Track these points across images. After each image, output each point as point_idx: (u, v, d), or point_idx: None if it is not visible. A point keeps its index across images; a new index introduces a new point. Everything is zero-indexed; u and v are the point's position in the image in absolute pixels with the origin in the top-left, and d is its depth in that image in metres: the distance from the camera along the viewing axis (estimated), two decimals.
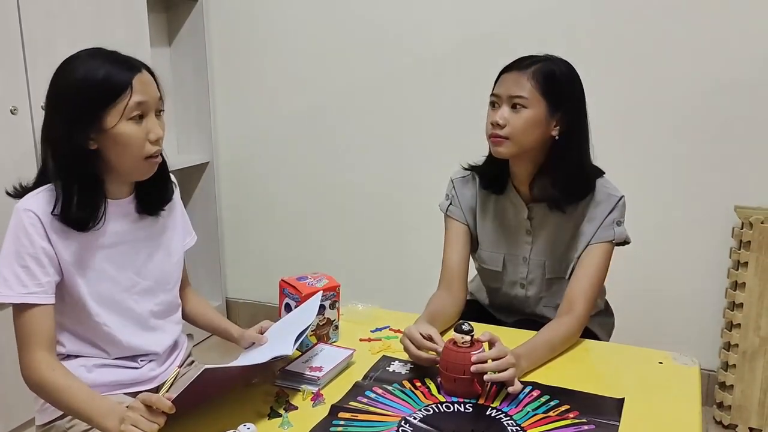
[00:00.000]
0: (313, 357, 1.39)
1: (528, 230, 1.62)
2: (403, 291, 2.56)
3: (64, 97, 1.27)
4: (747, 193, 2.36)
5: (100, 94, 1.24)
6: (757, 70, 2.29)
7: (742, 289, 2.31)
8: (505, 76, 1.52)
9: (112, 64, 1.27)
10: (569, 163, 1.53)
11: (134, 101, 1.25)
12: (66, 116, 1.26)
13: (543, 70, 1.49)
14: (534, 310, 1.68)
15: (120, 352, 1.39)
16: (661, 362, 1.42)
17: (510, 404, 1.24)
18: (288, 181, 3.11)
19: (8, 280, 1.24)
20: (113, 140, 1.26)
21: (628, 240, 1.59)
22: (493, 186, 1.64)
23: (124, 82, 1.25)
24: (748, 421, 2.38)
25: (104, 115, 1.24)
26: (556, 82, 1.49)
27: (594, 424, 1.17)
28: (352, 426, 1.18)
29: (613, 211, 1.55)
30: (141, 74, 1.28)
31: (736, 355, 2.35)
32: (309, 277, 1.52)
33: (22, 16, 2.16)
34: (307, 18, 2.90)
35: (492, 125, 1.50)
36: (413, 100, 2.77)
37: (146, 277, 1.41)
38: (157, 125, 1.30)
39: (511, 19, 2.55)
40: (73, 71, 1.27)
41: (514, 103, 1.48)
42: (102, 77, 1.24)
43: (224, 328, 1.55)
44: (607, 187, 1.57)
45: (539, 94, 1.47)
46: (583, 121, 1.55)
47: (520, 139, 1.49)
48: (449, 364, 1.27)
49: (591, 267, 1.54)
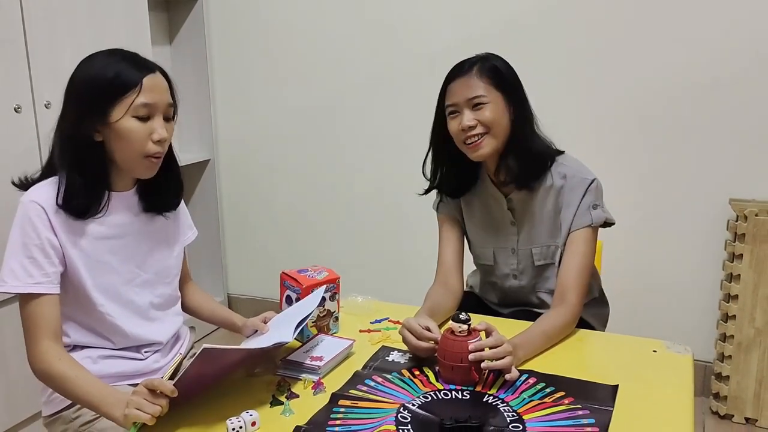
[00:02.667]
0: (314, 347, 1.41)
1: (512, 221, 1.66)
2: (401, 284, 2.59)
3: (77, 90, 1.31)
4: (741, 186, 2.39)
5: (109, 87, 1.28)
6: (751, 62, 2.31)
7: (737, 281, 2.33)
8: (453, 86, 1.57)
9: (127, 63, 1.31)
10: (527, 138, 1.59)
11: (141, 101, 1.29)
12: (76, 107, 1.30)
13: (486, 67, 1.55)
14: (530, 298, 1.71)
15: (125, 342, 1.42)
16: (655, 350, 1.45)
17: (507, 391, 1.27)
18: (288, 177, 3.14)
19: (15, 271, 1.28)
20: (116, 134, 1.30)
21: (610, 221, 1.62)
22: (463, 189, 1.69)
23: (133, 80, 1.29)
24: (743, 412, 2.41)
25: (111, 108, 1.28)
26: (500, 73, 1.56)
27: (588, 410, 1.19)
28: (352, 413, 1.20)
29: (586, 194, 1.58)
30: (154, 76, 1.32)
31: (731, 347, 2.37)
32: (309, 269, 1.55)
33: (25, 17, 2.19)
34: (307, 16, 2.93)
35: (463, 131, 1.54)
36: (412, 97, 2.80)
37: (147, 270, 1.44)
38: (162, 127, 1.33)
39: (511, 18, 2.57)
40: (90, 67, 1.32)
41: (475, 104, 1.53)
42: (114, 73, 1.29)
43: (227, 317, 1.58)
44: (580, 171, 1.61)
45: (493, 88, 1.54)
46: (525, 98, 1.61)
47: (497, 131, 1.54)
48: (447, 353, 1.30)
49: (576, 255, 1.58)
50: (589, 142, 1.65)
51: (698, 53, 2.37)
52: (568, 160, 1.63)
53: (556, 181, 1.60)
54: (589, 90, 2.54)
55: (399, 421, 1.16)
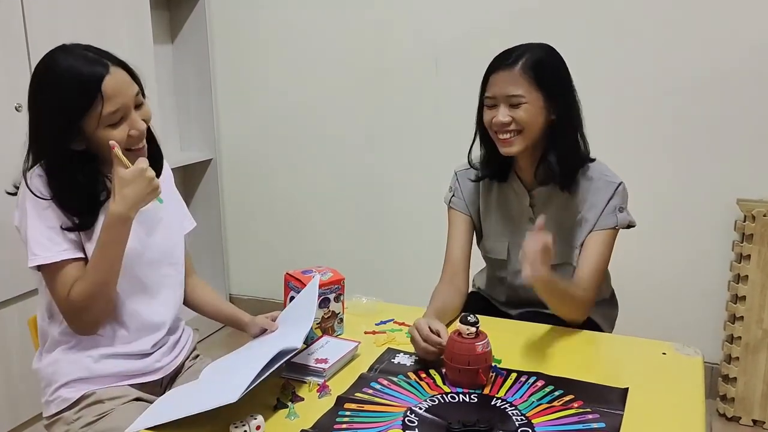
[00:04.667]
0: (319, 349, 1.40)
1: (531, 218, 1.64)
2: (406, 284, 2.57)
3: (43, 106, 1.30)
4: (749, 186, 2.36)
5: (73, 103, 1.26)
6: (758, 62, 2.29)
7: (745, 282, 2.31)
8: (495, 77, 1.53)
9: (83, 66, 1.27)
10: (570, 140, 1.56)
11: (109, 109, 1.27)
12: (48, 124, 1.30)
13: (530, 62, 1.50)
14: (537, 297, 1.69)
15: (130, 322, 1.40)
16: (664, 353, 1.43)
17: (515, 394, 1.25)
18: (291, 176, 3.12)
19: (42, 243, 1.29)
20: (97, 143, 1.30)
21: (632, 224, 1.61)
22: (497, 175, 1.66)
23: (92, 90, 1.25)
24: (751, 413, 2.38)
25: (82, 122, 1.27)
26: (545, 70, 1.51)
27: (598, 413, 1.18)
28: (358, 416, 1.19)
29: (614, 197, 1.58)
30: (111, 76, 1.28)
31: (739, 348, 2.35)
32: (314, 270, 1.53)
33: (26, 16, 2.17)
34: (309, 15, 2.91)
35: (497, 126, 1.52)
36: (416, 95, 2.78)
37: (151, 249, 1.43)
38: (137, 121, 1.32)
39: (512, 15, 2.55)
40: (47, 76, 1.29)
41: (512, 102, 1.50)
42: (75, 85, 1.26)
43: (232, 314, 1.56)
44: (606, 174, 1.60)
45: (534, 87, 1.50)
46: (575, 95, 1.58)
47: (530, 132, 1.52)
48: (454, 355, 1.28)
49: (594, 254, 1.57)
50: (595, 142, 1.63)
51: (705, 52, 2.35)
52: (596, 163, 1.62)
53: (581, 182, 1.59)
54: (594, 89, 2.50)
55: (406, 425, 1.14)
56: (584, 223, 1.60)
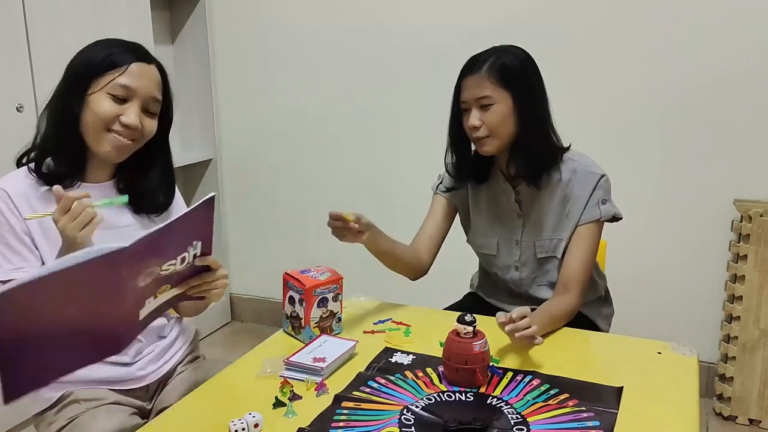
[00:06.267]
0: (317, 348, 1.41)
1: (519, 214, 1.67)
2: (404, 284, 2.58)
3: (71, 66, 1.34)
4: (746, 187, 2.38)
5: (96, 64, 1.30)
6: (756, 62, 2.30)
7: (742, 282, 2.33)
8: (465, 82, 1.57)
9: (124, 48, 1.32)
10: (537, 136, 1.59)
11: (121, 81, 1.30)
12: (64, 81, 1.33)
13: (495, 65, 1.54)
14: (529, 290, 1.72)
15: None
16: (659, 352, 1.44)
17: (510, 393, 1.26)
18: (291, 177, 3.13)
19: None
20: (88, 106, 1.31)
21: (618, 216, 1.64)
22: (475, 177, 1.70)
23: (121, 61, 1.30)
24: (747, 413, 2.40)
25: (91, 83, 1.30)
26: (510, 71, 1.54)
27: (593, 412, 1.19)
28: (355, 414, 1.20)
29: (596, 190, 1.60)
30: (147, 66, 1.32)
31: (735, 347, 2.36)
32: (312, 270, 1.54)
33: (27, 16, 2.19)
34: (309, 15, 2.92)
35: (470, 129, 1.57)
36: (415, 96, 2.79)
37: None
38: (135, 114, 1.31)
39: (512, 16, 2.56)
40: (88, 48, 1.35)
41: (482, 104, 1.54)
42: (105, 54, 1.31)
43: None
44: (589, 166, 1.62)
45: (500, 88, 1.53)
46: (542, 92, 1.60)
47: (500, 133, 1.55)
48: (452, 355, 1.29)
49: (582, 249, 1.61)
50: (593, 141, 1.65)
51: (703, 53, 2.36)
52: (577, 155, 1.64)
53: (564, 175, 1.62)
54: (592, 89, 2.53)
55: (402, 423, 1.16)
56: (569, 216, 1.63)
